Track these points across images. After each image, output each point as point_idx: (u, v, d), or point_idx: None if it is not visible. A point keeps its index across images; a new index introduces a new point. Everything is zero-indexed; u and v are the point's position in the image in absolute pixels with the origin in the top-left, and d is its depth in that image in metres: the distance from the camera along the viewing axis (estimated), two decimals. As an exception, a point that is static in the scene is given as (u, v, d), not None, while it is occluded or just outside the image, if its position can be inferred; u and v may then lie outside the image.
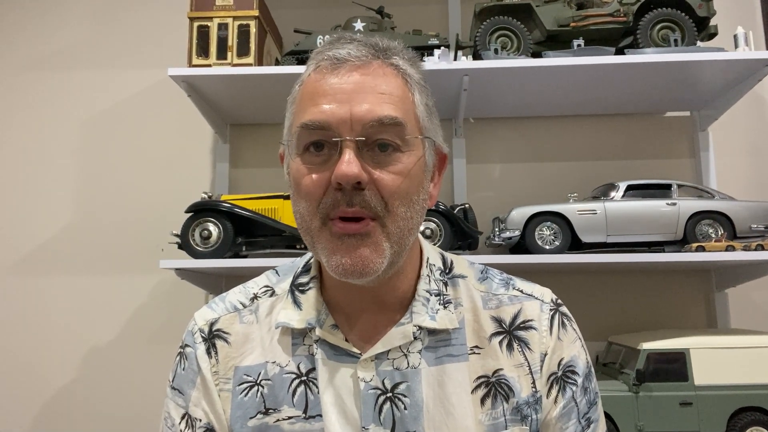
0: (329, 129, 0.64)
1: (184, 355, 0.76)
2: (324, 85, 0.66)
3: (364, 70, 0.67)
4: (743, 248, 1.36)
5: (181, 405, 0.74)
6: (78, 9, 1.93)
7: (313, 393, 0.70)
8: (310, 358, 0.72)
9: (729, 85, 1.56)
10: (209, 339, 0.76)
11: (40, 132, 1.86)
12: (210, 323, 0.77)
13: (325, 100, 0.65)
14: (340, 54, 0.67)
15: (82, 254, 1.79)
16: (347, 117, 0.64)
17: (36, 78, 1.89)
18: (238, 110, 1.72)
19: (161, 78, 1.79)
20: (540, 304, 0.76)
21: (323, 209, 0.65)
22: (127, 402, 1.71)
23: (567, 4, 1.55)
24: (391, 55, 0.70)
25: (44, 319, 1.76)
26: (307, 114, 0.66)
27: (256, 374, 0.73)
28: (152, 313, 1.75)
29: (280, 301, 0.77)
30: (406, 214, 0.66)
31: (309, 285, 0.76)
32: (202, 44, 1.53)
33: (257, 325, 0.76)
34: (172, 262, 1.43)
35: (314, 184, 0.65)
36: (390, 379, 0.70)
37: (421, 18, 1.84)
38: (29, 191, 1.83)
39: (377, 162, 0.65)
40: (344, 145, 0.63)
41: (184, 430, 0.73)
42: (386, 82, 0.67)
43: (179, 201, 1.57)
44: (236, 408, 0.72)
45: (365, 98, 0.65)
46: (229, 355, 0.74)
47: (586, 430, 0.72)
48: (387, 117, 0.64)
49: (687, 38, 1.49)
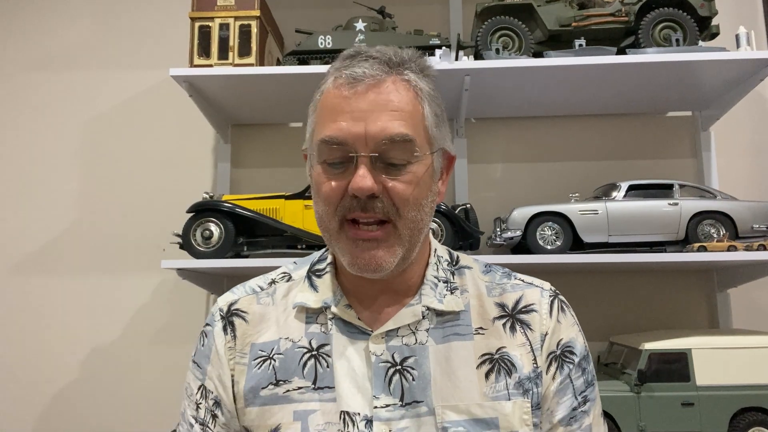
0: (346, 145, 0.72)
1: (204, 332, 0.84)
2: (342, 102, 0.73)
3: (378, 88, 0.74)
4: (745, 248, 1.36)
5: (198, 377, 0.82)
6: (80, 9, 1.93)
7: (322, 367, 0.77)
8: (321, 335, 0.79)
9: (731, 85, 1.56)
10: (227, 317, 0.83)
11: (42, 132, 1.86)
12: (229, 303, 0.84)
13: (342, 118, 0.72)
14: (356, 73, 0.74)
15: (84, 254, 1.79)
16: (362, 134, 0.71)
17: (38, 78, 1.89)
18: (239, 110, 1.72)
19: (163, 78, 1.79)
20: (540, 291, 0.82)
21: (340, 211, 0.73)
22: (129, 401, 1.71)
23: (568, 4, 1.55)
24: (403, 70, 0.76)
25: (46, 319, 1.76)
26: (326, 129, 0.73)
27: (270, 349, 0.79)
28: (154, 313, 1.75)
29: (296, 286, 0.84)
30: (416, 217, 0.74)
31: (326, 270, 0.84)
32: (204, 44, 1.53)
33: (273, 306, 0.83)
34: (174, 263, 1.43)
35: (333, 190, 0.73)
36: (399, 353, 0.76)
37: (422, 18, 1.84)
38: (31, 191, 1.83)
39: (389, 173, 0.72)
40: (359, 161, 0.71)
41: (199, 399, 0.81)
42: (398, 98, 0.74)
43: (181, 201, 1.57)
44: (250, 379, 0.78)
45: (379, 117, 0.72)
46: (247, 332, 0.82)
47: (582, 406, 0.78)
48: (398, 135, 0.71)
49: (689, 38, 1.48)
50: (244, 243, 1.48)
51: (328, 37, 1.56)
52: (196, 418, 0.80)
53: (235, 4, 1.54)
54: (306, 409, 0.75)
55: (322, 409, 0.75)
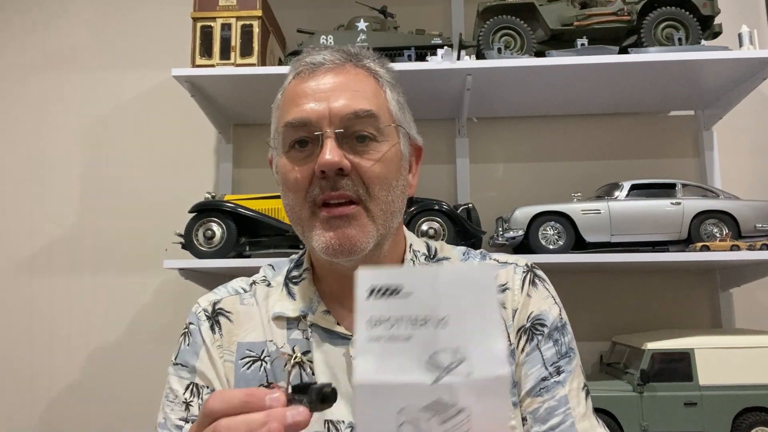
0: (311, 125, 0.71)
1: (188, 332, 0.81)
2: (304, 88, 0.74)
3: (339, 71, 0.75)
4: (748, 248, 1.36)
5: (185, 377, 0.78)
6: (81, 10, 1.93)
7: (307, 374, 0.75)
8: (304, 341, 0.77)
9: (733, 84, 1.56)
10: (213, 317, 0.81)
11: (44, 132, 1.86)
12: (213, 303, 0.82)
13: (305, 100, 0.73)
14: (316, 59, 0.75)
15: (86, 254, 1.79)
16: (326, 113, 0.71)
17: (40, 79, 1.89)
18: (241, 110, 1.72)
19: (165, 78, 1.79)
20: (514, 268, 0.81)
21: (310, 197, 0.72)
22: (131, 401, 1.71)
23: (570, 3, 1.54)
24: (362, 59, 0.78)
25: (48, 319, 1.77)
26: (290, 114, 0.73)
27: (260, 350, 0.78)
28: (156, 313, 1.75)
29: (274, 292, 0.82)
30: (387, 197, 0.73)
31: (301, 276, 0.82)
32: (206, 44, 1.53)
33: (257, 307, 0.81)
34: (176, 262, 1.43)
35: (300, 175, 0.72)
36: None
37: (424, 17, 1.83)
38: (33, 192, 1.83)
39: (356, 151, 0.72)
40: (325, 137, 0.70)
41: (189, 398, 0.77)
42: (359, 81, 0.75)
43: (183, 201, 1.58)
44: (239, 379, 0.77)
45: (341, 95, 0.72)
46: (232, 331, 0.80)
47: (554, 376, 0.75)
48: (362, 110, 0.72)
49: (691, 37, 1.48)
50: (246, 243, 1.48)
51: (329, 37, 1.56)
52: (186, 419, 0.76)
53: (236, 4, 1.55)
54: None
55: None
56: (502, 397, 0.45)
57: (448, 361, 0.44)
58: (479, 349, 0.45)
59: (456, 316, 0.45)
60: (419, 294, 0.45)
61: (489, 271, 0.48)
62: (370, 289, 0.46)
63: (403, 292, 0.45)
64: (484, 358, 0.44)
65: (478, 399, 0.44)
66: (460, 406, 0.44)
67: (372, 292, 0.46)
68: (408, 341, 0.45)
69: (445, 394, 0.44)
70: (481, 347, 0.45)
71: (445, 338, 0.45)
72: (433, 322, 0.45)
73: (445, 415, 0.44)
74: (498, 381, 0.44)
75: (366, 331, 0.45)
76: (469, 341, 0.45)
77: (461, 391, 0.43)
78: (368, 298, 0.46)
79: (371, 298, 0.45)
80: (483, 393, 0.44)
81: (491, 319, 0.46)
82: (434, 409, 0.44)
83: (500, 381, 0.44)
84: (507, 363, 0.45)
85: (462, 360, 0.44)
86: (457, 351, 0.44)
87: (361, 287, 0.46)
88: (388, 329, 0.45)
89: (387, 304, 0.45)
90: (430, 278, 0.46)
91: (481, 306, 0.46)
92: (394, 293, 0.46)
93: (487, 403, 0.44)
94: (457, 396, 0.44)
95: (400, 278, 0.46)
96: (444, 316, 0.45)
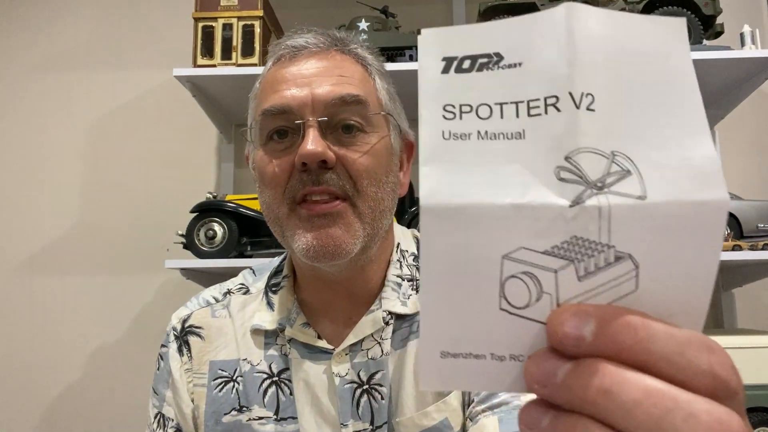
0: (291, 112, 0.63)
1: (160, 355, 0.77)
2: (284, 73, 0.66)
3: (323, 55, 0.67)
4: (750, 248, 1.36)
5: (155, 405, 0.74)
6: (83, 10, 1.93)
7: (284, 395, 0.68)
8: (282, 358, 0.70)
9: (735, 84, 1.55)
10: (181, 337, 0.75)
11: (45, 133, 1.87)
12: (182, 320, 0.76)
13: (285, 86, 0.64)
14: (298, 42, 0.67)
15: (88, 254, 1.79)
16: (308, 99, 0.63)
17: (41, 79, 1.90)
18: (242, 110, 1.69)
19: (166, 78, 1.79)
20: None
21: (289, 193, 0.63)
22: (132, 401, 1.71)
23: (572, 3, 1.54)
24: (348, 44, 0.70)
25: (49, 319, 1.77)
26: (268, 101, 0.65)
27: (232, 370, 0.71)
28: (158, 313, 1.75)
29: (253, 301, 0.75)
30: (376, 194, 0.64)
31: (281, 284, 0.74)
32: (207, 44, 1.53)
33: (230, 320, 0.74)
34: (178, 262, 1.43)
35: (278, 168, 0.64)
36: (365, 370, 0.67)
37: (425, 17, 1.83)
38: (35, 191, 1.84)
39: (341, 142, 0.63)
40: (307, 126, 0.62)
41: (156, 428, 0.73)
42: (345, 66, 0.66)
43: (184, 201, 1.58)
44: (210, 403, 0.71)
45: (326, 80, 0.64)
46: (203, 349, 0.73)
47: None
48: (349, 95, 0.63)
49: (693, 37, 1.48)
50: (248, 243, 1.48)
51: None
52: None
53: (238, 4, 1.55)
54: None
55: None
56: (704, 240, 0.24)
57: (599, 172, 0.24)
58: (660, 150, 0.25)
59: (611, 90, 0.26)
60: (539, 58, 0.26)
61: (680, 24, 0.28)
62: (444, 61, 0.27)
63: (507, 60, 0.27)
64: (669, 166, 0.25)
65: (654, 241, 0.24)
66: (618, 252, 0.25)
67: (449, 65, 0.27)
68: (520, 139, 0.26)
69: (592, 228, 0.24)
70: (663, 147, 0.25)
71: (592, 129, 0.25)
72: (567, 103, 0.25)
73: (590, 265, 0.25)
74: (698, 210, 0.24)
75: (439, 124, 0.27)
76: (641, 136, 0.25)
77: (625, 224, 0.24)
78: (443, 72, 0.27)
79: (446, 74, 0.27)
80: (666, 231, 0.24)
81: (682, 95, 0.26)
82: (569, 254, 0.25)
83: (703, 210, 0.24)
84: (718, 179, 0.24)
85: (626, 171, 0.25)
86: (617, 154, 0.25)
87: (427, 56, 0.28)
88: (483, 120, 0.26)
89: (480, 81, 0.27)
90: (559, 29, 0.26)
91: (660, 72, 0.26)
92: (491, 63, 0.27)
93: (673, 250, 0.25)
94: (615, 233, 0.24)
95: (499, 37, 0.27)
96: (589, 91, 0.25)
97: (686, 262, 0.25)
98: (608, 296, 0.25)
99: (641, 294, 0.25)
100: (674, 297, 0.26)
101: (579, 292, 0.25)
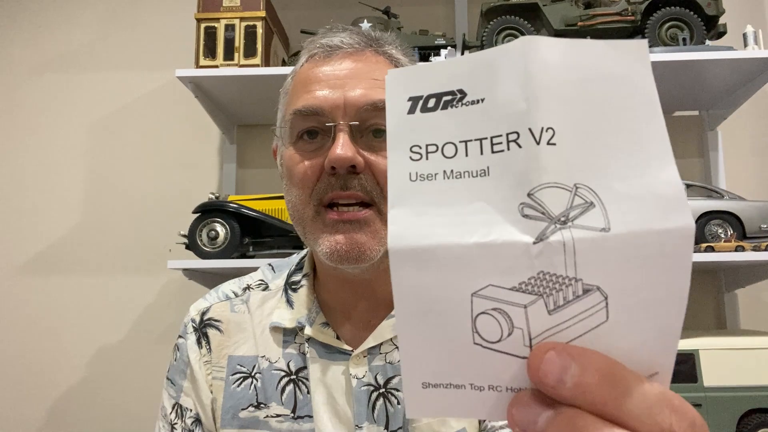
0: (322, 114, 0.63)
1: (177, 346, 0.76)
2: (317, 72, 0.66)
3: (357, 56, 0.66)
4: (753, 248, 1.35)
5: (172, 395, 0.73)
6: (85, 11, 1.94)
7: (302, 392, 0.68)
8: (301, 356, 0.70)
9: (738, 84, 1.55)
10: (200, 329, 0.75)
11: (48, 134, 1.87)
12: (201, 313, 0.76)
13: (318, 87, 0.64)
14: (332, 42, 0.67)
15: (91, 255, 1.80)
16: (341, 102, 0.63)
17: (44, 80, 1.90)
18: (245, 111, 1.72)
19: (169, 79, 1.80)
20: None
21: (316, 195, 0.63)
22: (134, 402, 1.71)
23: (574, 3, 1.54)
24: (383, 44, 0.69)
25: (52, 320, 1.77)
26: (300, 101, 0.65)
27: (251, 366, 0.71)
28: (160, 313, 1.75)
29: (271, 297, 0.75)
30: None
31: (301, 283, 0.74)
32: (210, 45, 1.53)
33: (248, 315, 0.74)
34: (180, 263, 1.43)
35: (307, 170, 0.64)
36: (383, 374, 0.67)
37: (427, 18, 1.83)
38: (38, 193, 1.84)
39: (371, 147, 0.63)
40: (338, 129, 0.62)
41: (174, 419, 0.72)
42: (380, 69, 0.66)
43: (187, 202, 1.58)
44: (228, 398, 0.70)
45: (359, 83, 0.64)
46: (222, 343, 0.73)
47: None
48: (381, 101, 0.62)
49: (695, 37, 1.48)
50: (250, 243, 1.48)
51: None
52: None
53: (240, 5, 1.55)
54: None
55: None
56: (671, 267, 0.24)
57: (562, 206, 0.25)
58: (623, 179, 0.25)
59: (572, 122, 0.25)
60: (499, 94, 0.26)
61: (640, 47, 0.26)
62: (410, 101, 0.28)
63: (469, 96, 0.27)
64: (632, 195, 0.25)
65: (621, 271, 0.24)
66: (586, 284, 0.25)
67: (414, 105, 0.28)
68: (485, 176, 0.26)
69: (558, 262, 0.24)
70: (625, 176, 0.25)
71: (554, 164, 0.25)
72: (527, 139, 0.25)
73: (559, 299, 0.25)
74: (663, 239, 0.24)
75: (406, 166, 0.27)
76: (603, 167, 0.25)
77: (590, 256, 0.24)
78: (409, 113, 0.28)
79: (412, 114, 0.28)
80: (632, 261, 0.24)
81: (645, 120, 0.26)
82: (538, 289, 0.25)
83: (668, 238, 0.24)
84: (682, 205, 0.24)
85: (589, 204, 0.25)
86: (579, 187, 0.25)
87: (393, 98, 0.29)
88: (448, 159, 0.27)
89: (445, 119, 0.27)
90: (517, 64, 0.26)
91: (622, 96, 0.26)
92: (455, 100, 0.27)
93: (641, 279, 0.24)
94: (581, 266, 0.24)
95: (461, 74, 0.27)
96: (549, 125, 0.25)
97: (655, 290, 0.25)
98: (580, 328, 0.26)
99: (613, 324, 0.25)
100: (646, 325, 0.25)
101: (550, 325, 0.26)
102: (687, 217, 0.24)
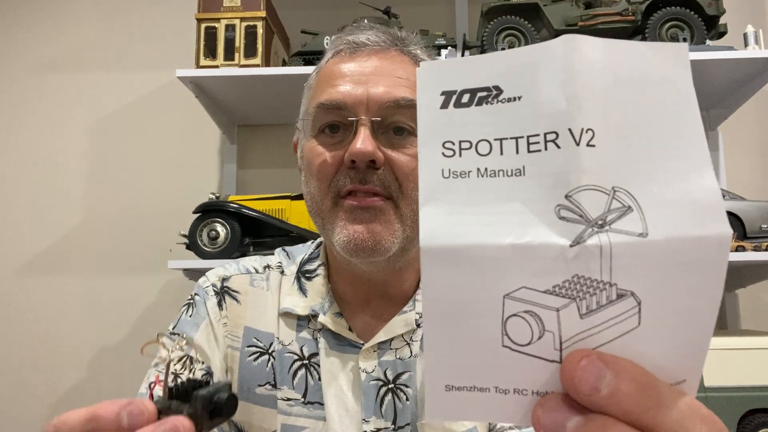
0: (345, 109, 0.65)
1: (193, 303, 0.74)
2: (342, 68, 0.67)
3: (382, 54, 0.68)
4: (753, 248, 1.35)
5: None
6: (85, 11, 1.94)
7: (314, 379, 0.69)
8: (314, 342, 0.70)
9: (738, 84, 1.55)
10: (221, 293, 0.74)
11: (48, 134, 1.87)
12: (222, 279, 0.76)
13: (342, 81, 0.66)
14: (359, 39, 0.69)
15: (91, 255, 1.80)
16: (364, 97, 0.64)
17: (43, 80, 1.90)
18: (245, 111, 1.72)
19: (169, 79, 1.80)
20: None
21: (334, 187, 0.65)
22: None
23: (575, 3, 1.54)
24: (408, 44, 0.71)
25: (53, 320, 1.77)
26: (324, 95, 0.66)
27: (268, 343, 0.71)
28: (161, 313, 1.75)
29: (286, 283, 0.75)
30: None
31: (316, 272, 0.75)
32: (210, 45, 1.53)
33: (269, 293, 0.74)
34: (180, 263, 1.43)
35: (327, 162, 0.65)
36: (392, 370, 0.68)
37: (428, 18, 1.83)
38: (38, 193, 1.84)
39: (392, 144, 0.65)
40: (359, 124, 0.63)
41: (178, 370, 0.70)
42: (403, 68, 0.67)
43: (187, 202, 1.58)
44: (245, 370, 0.70)
45: (382, 80, 0.65)
46: (239, 314, 0.73)
47: None
48: (404, 99, 0.64)
49: (696, 37, 1.48)
50: (251, 243, 1.48)
51: (332, 37, 1.56)
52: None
53: (241, 5, 1.55)
54: (295, 424, 0.67)
55: (311, 427, 0.67)
56: (706, 274, 0.24)
57: (600, 209, 0.24)
58: (661, 184, 0.25)
59: (612, 124, 0.25)
60: (539, 92, 0.26)
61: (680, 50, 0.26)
62: (443, 95, 0.27)
63: (506, 93, 0.26)
64: (671, 201, 0.24)
65: (656, 278, 0.24)
66: (620, 289, 0.25)
67: (447, 100, 0.27)
68: (520, 176, 0.25)
69: (594, 266, 0.24)
70: (664, 181, 0.25)
71: (593, 166, 0.24)
72: (567, 139, 0.25)
73: (592, 303, 0.25)
74: (699, 246, 0.24)
75: (438, 162, 0.26)
76: (641, 170, 0.25)
77: (626, 262, 0.24)
78: (441, 107, 0.27)
79: (445, 109, 0.27)
80: (668, 268, 0.24)
81: (685, 125, 0.25)
82: (571, 292, 0.25)
83: (704, 246, 0.24)
84: (719, 213, 0.24)
85: (627, 208, 0.24)
86: (618, 190, 0.24)
87: (426, 91, 0.27)
88: (482, 157, 0.26)
89: (480, 116, 0.27)
90: (557, 63, 0.25)
91: (662, 101, 0.25)
92: (490, 97, 0.27)
93: (675, 286, 0.24)
94: (617, 271, 0.24)
95: (498, 70, 0.27)
96: (589, 126, 0.25)
97: (688, 298, 0.25)
98: (611, 333, 0.25)
99: (643, 330, 0.25)
100: (677, 332, 0.25)
101: (582, 329, 0.25)
102: (725, 225, 0.24)
